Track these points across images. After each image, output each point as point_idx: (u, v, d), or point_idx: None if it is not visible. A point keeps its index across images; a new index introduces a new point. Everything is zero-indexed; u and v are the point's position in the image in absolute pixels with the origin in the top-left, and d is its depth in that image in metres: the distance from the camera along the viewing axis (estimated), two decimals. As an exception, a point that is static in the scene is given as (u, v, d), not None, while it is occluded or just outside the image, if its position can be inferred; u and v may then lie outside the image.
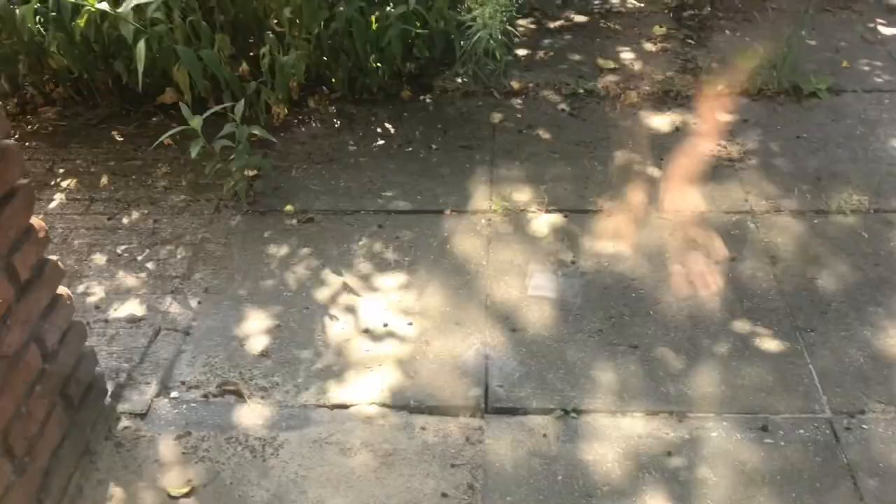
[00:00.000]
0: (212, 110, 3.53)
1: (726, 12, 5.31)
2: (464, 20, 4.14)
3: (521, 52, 4.93)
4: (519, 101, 4.45)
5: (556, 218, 3.56)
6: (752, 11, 5.24)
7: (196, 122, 3.36)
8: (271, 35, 3.84)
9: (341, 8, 3.85)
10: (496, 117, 4.30)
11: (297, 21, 3.94)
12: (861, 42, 4.92)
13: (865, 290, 3.12)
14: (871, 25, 5.10)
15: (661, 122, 4.21)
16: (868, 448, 2.54)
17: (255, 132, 3.56)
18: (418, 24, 4.30)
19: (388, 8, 4.06)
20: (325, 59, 4.31)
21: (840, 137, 4.02)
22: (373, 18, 4.14)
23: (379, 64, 4.30)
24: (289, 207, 3.66)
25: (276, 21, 4.14)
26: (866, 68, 4.62)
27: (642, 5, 5.47)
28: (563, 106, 4.38)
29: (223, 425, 2.71)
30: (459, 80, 4.52)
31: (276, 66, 3.91)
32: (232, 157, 3.62)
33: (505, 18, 4.16)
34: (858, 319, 2.99)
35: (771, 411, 2.68)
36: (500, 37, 4.09)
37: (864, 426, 2.61)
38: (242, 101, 3.54)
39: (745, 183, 3.72)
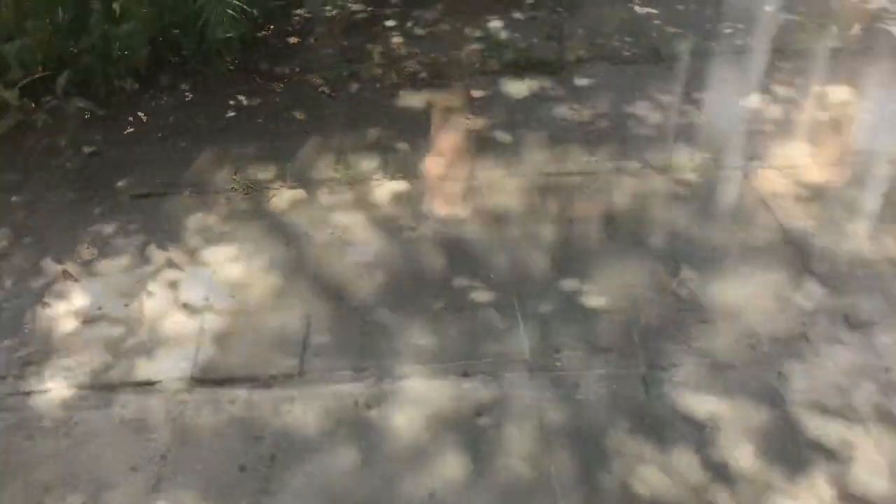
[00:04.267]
0: (25, 80, 3.36)
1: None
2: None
3: (390, 23, 4.85)
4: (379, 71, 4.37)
5: (399, 185, 3.49)
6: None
7: (11, 94, 3.20)
8: (98, 6, 3.67)
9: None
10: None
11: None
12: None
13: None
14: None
15: (519, 88, 4.16)
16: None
17: (81, 104, 3.41)
18: None
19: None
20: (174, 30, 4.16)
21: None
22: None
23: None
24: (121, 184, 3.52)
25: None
26: (729, 31, 4.65)
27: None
28: (423, 75, 4.31)
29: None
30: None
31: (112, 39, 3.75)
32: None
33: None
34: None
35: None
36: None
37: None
38: (66, 73, 3.39)
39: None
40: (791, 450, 2.34)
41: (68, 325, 2.84)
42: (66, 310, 2.91)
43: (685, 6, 4.95)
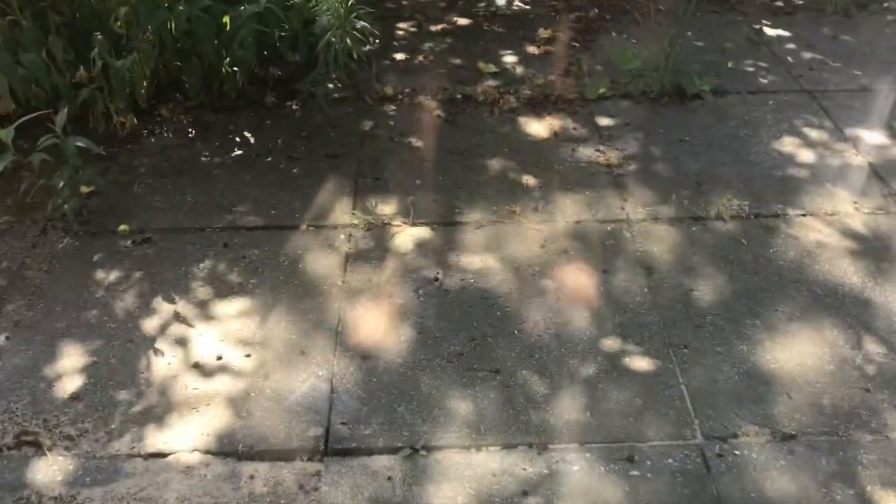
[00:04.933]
0: (21, 119, 3.12)
1: (613, 14, 5.15)
2: (309, 19, 3.81)
3: (399, 56, 4.65)
4: (393, 107, 4.16)
5: (422, 232, 3.28)
6: (639, 13, 5.09)
7: (4, 133, 2.96)
8: (100, 37, 3.44)
9: (181, 7, 3.49)
10: (367, 125, 4.00)
11: (137, 22, 3.56)
12: (747, 43, 4.81)
13: (743, 300, 2.92)
14: (757, 27, 5.00)
15: (538, 128, 3.98)
16: (739, 477, 2.31)
17: (80, 144, 3.17)
18: (282, 25, 3.98)
19: (242, 7, 3.72)
20: (177, 64, 3.94)
21: (723, 140, 3.85)
22: (226, 19, 3.80)
23: (235, 68, 3.95)
24: (123, 227, 3.27)
25: (117, 22, 3.75)
26: (751, 69, 4.50)
27: (528, 7, 5.27)
28: (438, 112, 4.12)
29: (14, 483, 2.32)
30: (330, 86, 4.21)
31: (111, 71, 3.52)
32: (58, 172, 3.23)
33: (354, 16, 3.85)
34: (734, 333, 2.79)
35: (638, 439, 2.43)
36: (346, 40, 3.77)
37: (737, 452, 2.39)
38: (66, 110, 3.16)
39: (623, 190, 3.51)
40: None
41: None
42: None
43: (710, 41, 4.81)
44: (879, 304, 2.89)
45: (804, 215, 3.33)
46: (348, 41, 3.78)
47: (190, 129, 3.96)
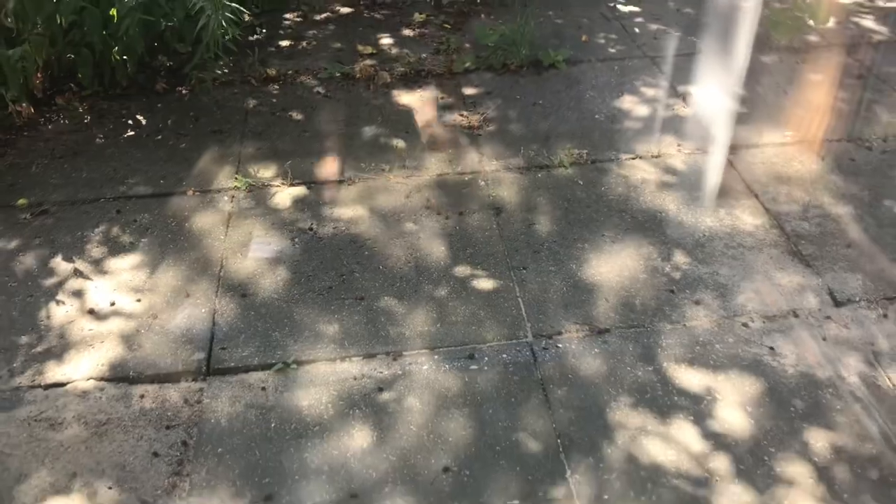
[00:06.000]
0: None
1: (484, 1, 5.61)
2: (191, 10, 4.14)
3: (285, 42, 5.02)
4: (276, 86, 4.53)
5: (299, 190, 3.65)
6: (507, -2, 5.57)
7: None
8: (-11, 28, 3.72)
9: (67, -1, 3.79)
10: (251, 103, 4.35)
11: (25, 16, 3.84)
12: (601, 19, 5.33)
13: (575, 229, 3.39)
14: (612, 4, 5.54)
15: (409, 98, 4.40)
16: (560, 364, 2.76)
17: (-26, 126, 3.44)
18: (168, 16, 4.30)
19: (126, -1, 4.03)
20: (69, 56, 4.22)
21: (571, 102, 4.34)
22: (113, 11, 4.10)
23: (125, 57, 4.25)
24: (22, 201, 3.56)
25: (7, 18, 4.02)
26: (602, 41, 5.01)
27: (406, -5, 5.70)
28: (318, 89, 4.50)
29: (-77, 417, 2.61)
30: (218, 71, 4.54)
31: (1, 60, 3.79)
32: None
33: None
34: (566, 255, 3.24)
35: (479, 341, 2.86)
36: (222, 22, 4.11)
37: (559, 345, 2.83)
38: (-42, 95, 3.42)
39: (481, 146, 3.95)
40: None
41: None
42: None
43: (570, 18, 5.31)
44: (689, 224, 3.39)
45: (634, 158, 3.82)
46: (223, 22, 4.11)
47: (85, 116, 4.24)
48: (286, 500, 2.34)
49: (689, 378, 2.70)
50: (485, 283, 3.11)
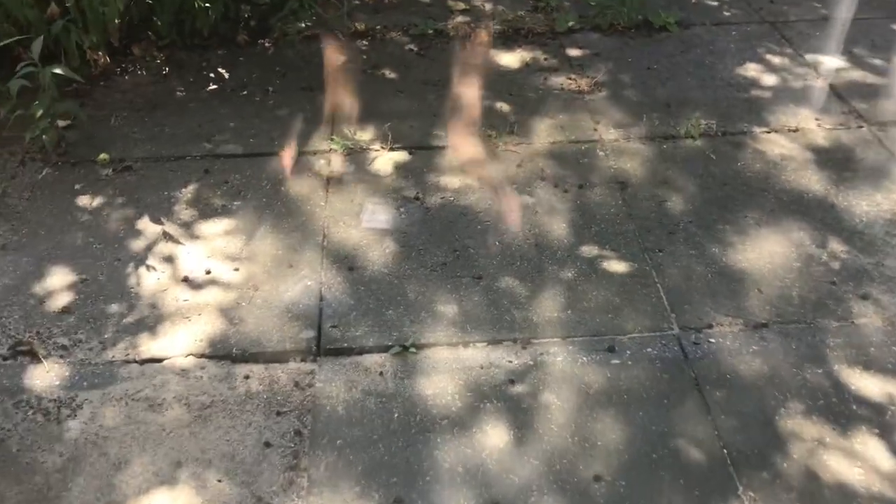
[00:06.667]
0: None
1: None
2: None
3: (370, -4, 4.68)
4: (365, 42, 4.20)
5: (400, 155, 3.34)
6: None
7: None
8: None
9: (152, -61, 3.49)
10: (339, 59, 4.03)
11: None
12: (709, -20, 4.91)
13: (713, 208, 3.04)
14: (720, -35, 5.11)
15: (510, 59, 4.05)
16: (715, 361, 2.44)
17: (59, 71, 3.16)
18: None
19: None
20: (148, 1, 3.92)
21: (689, 67, 3.96)
22: (197, -46, 3.79)
23: (207, 4, 3.94)
24: (103, 156, 3.28)
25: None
26: (714, 3, 4.60)
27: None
28: (410, 46, 4.16)
29: (13, 389, 2.35)
30: (302, 24, 4.22)
31: (84, 6, 3.50)
32: (36, 102, 3.22)
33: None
34: (706, 237, 2.91)
35: (618, 332, 2.54)
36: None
37: (712, 340, 2.51)
38: (41, 39, 3.15)
39: (595, 113, 3.60)
40: None
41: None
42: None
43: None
44: (842, 209, 3.03)
45: (769, 132, 3.45)
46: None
47: (163, 67, 3.95)
48: (419, 506, 2.07)
49: (867, 384, 2.36)
50: (617, 266, 2.79)
